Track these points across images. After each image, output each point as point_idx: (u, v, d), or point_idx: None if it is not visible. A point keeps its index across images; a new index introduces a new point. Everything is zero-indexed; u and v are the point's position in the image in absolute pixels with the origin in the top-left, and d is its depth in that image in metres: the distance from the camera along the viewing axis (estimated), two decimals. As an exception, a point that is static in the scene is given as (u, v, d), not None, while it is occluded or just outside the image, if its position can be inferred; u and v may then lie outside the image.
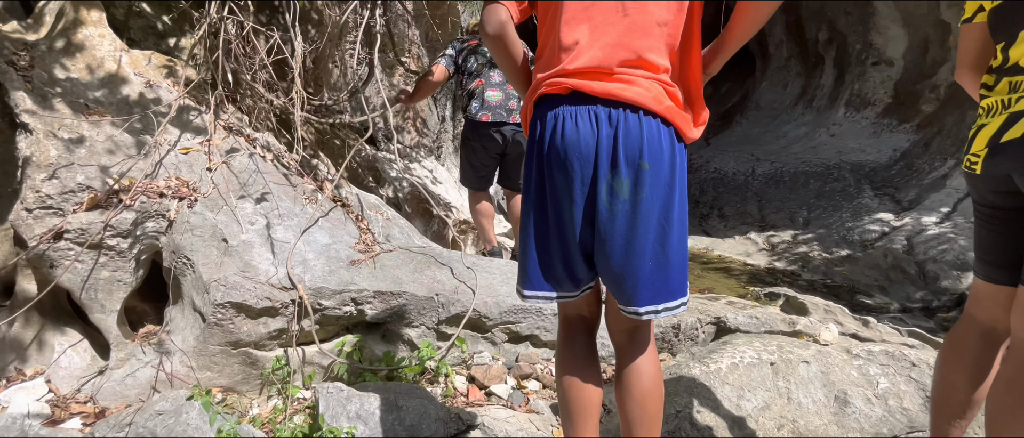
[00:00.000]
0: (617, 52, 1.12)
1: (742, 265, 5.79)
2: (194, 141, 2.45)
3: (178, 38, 3.15)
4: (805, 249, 5.99)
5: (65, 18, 2.33)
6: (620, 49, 1.12)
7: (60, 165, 2.02)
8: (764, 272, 5.65)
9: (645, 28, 1.12)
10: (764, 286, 4.99)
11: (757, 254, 6.24)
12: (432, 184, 5.05)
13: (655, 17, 1.12)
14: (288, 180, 2.66)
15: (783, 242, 6.25)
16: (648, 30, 1.12)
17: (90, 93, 2.28)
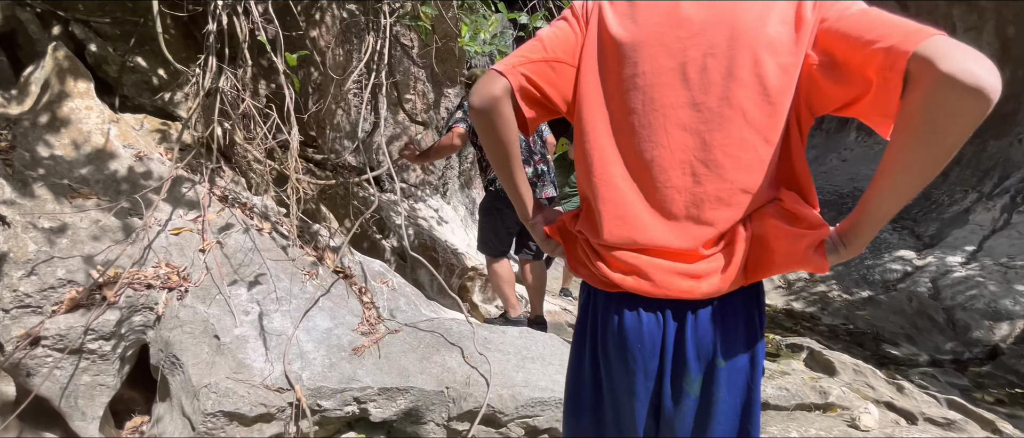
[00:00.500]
0: (688, 226, 0.85)
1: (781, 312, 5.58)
2: (187, 217, 2.29)
3: (173, 92, 3.00)
4: (824, 288, 5.78)
5: (50, 90, 2.19)
6: (694, 209, 0.84)
7: (39, 260, 1.86)
8: (782, 314, 5.44)
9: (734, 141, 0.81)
10: (784, 333, 4.79)
11: (772, 292, 6.04)
12: (438, 224, 4.88)
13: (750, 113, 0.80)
14: (286, 253, 2.50)
15: (800, 279, 6.05)
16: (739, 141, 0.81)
17: (75, 171, 2.13)
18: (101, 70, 2.72)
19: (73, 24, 2.73)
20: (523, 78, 0.88)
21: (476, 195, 5.73)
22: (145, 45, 2.93)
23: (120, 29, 2.90)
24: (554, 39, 0.91)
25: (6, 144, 2.02)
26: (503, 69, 0.87)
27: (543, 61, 0.89)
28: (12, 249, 1.85)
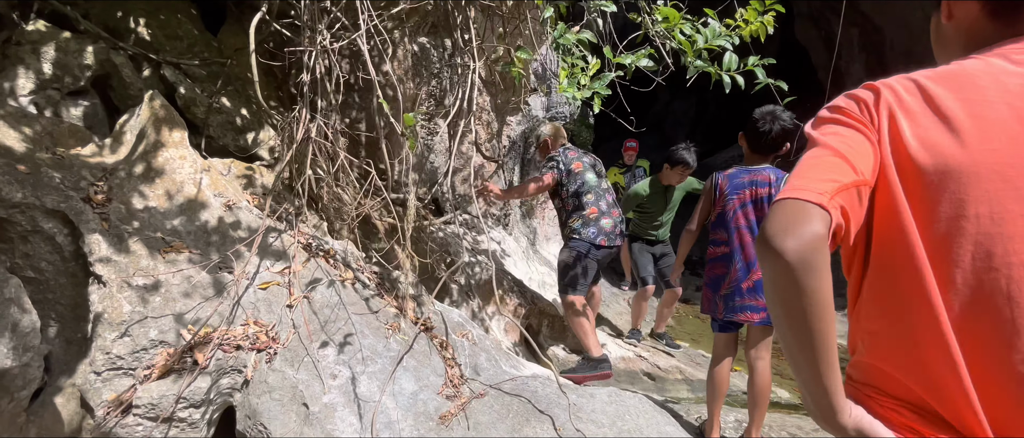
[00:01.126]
0: None
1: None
2: (273, 269, 2.20)
3: (256, 132, 2.98)
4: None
5: (146, 140, 2.16)
6: None
7: (133, 321, 1.80)
8: None
9: None
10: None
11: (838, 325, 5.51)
12: (501, 256, 4.73)
13: None
14: (369, 305, 2.38)
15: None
16: None
17: (168, 222, 2.08)
18: (189, 112, 2.71)
19: (164, 66, 2.75)
20: (840, 211, 0.64)
21: (537, 225, 5.54)
22: (230, 85, 2.92)
23: (207, 70, 2.90)
24: (857, 153, 0.66)
25: (103, 197, 1.99)
26: (817, 199, 0.62)
27: (853, 185, 0.65)
28: (107, 310, 1.80)
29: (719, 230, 2.36)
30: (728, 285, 2.31)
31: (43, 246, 1.92)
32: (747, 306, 2.28)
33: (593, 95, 1.97)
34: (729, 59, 2.27)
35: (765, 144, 2.25)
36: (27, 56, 2.51)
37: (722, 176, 2.36)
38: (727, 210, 2.33)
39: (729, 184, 2.32)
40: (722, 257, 2.34)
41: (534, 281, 4.68)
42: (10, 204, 1.86)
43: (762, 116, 2.29)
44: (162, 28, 2.92)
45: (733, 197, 2.31)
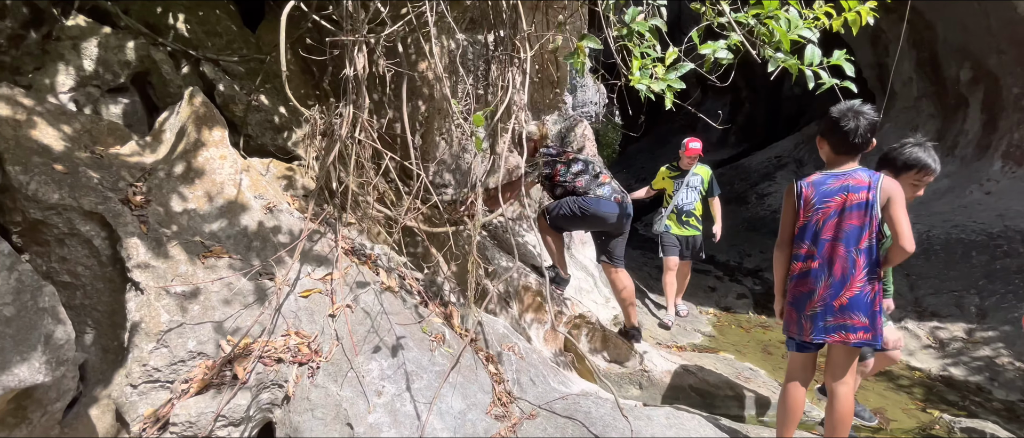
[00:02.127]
0: None
1: (907, 369, 4.78)
2: (315, 275, 2.08)
3: (292, 131, 2.88)
4: (989, 352, 4.87)
5: (186, 139, 2.06)
6: None
7: (171, 331, 1.69)
8: (940, 382, 4.61)
9: None
10: (951, 410, 4.00)
11: (921, 353, 5.18)
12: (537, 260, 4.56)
13: None
14: (412, 315, 2.24)
15: (955, 338, 5.15)
16: None
17: (207, 226, 1.97)
18: (228, 110, 2.63)
19: (203, 63, 2.67)
20: None
21: (573, 229, 5.36)
22: (268, 83, 2.83)
23: (246, 67, 2.81)
24: None
25: (141, 198, 1.90)
26: None
27: None
28: (144, 319, 1.69)
29: (803, 243, 2.10)
30: (817, 303, 2.07)
31: (80, 249, 1.83)
32: (842, 326, 2.04)
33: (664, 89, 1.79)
34: (812, 53, 2.04)
35: (853, 144, 2.03)
36: (67, 52, 2.45)
37: (806, 184, 2.11)
38: (813, 221, 2.07)
39: (816, 192, 2.08)
40: (808, 273, 2.09)
41: (571, 286, 4.50)
42: (46, 206, 1.77)
43: (843, 114, 2.06)
44: (201, 24, 2.84)
45: (821, 207, 2.06)
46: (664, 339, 4.49)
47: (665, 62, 1.83)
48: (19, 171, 1.75)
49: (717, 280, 6.46)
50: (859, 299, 2.00)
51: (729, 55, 1.91)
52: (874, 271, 2.02)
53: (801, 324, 2.11)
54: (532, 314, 3.66)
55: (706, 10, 2.37)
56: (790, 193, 2.15)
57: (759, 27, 1.91)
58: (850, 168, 2.06)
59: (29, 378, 1.41)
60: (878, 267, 2.03)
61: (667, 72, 1.78)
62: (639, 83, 1.78)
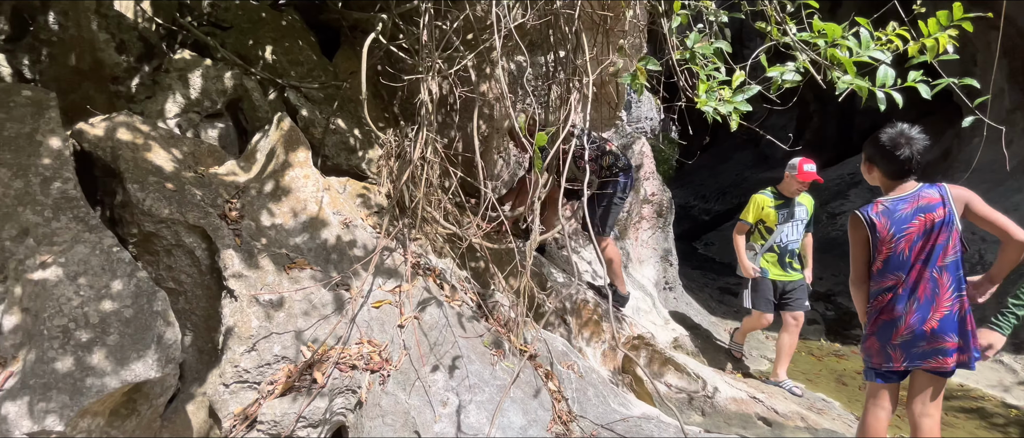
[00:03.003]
0: None
1: (1001, 406, 4.33)
2: (386, 287, 2.20)
3: (366, 151, 3.06)
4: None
5: (275, 160, 2.26)
6: None
7: (259, 336, 1.84)
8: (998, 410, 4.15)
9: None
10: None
11: (1018, 388, 4.68)
12: (593, 279, 4.53)
13: None
14: (473, 328, 2.31)
15: None
16: None
17: (292, 239, 2.14)
18: (308, 132, 2.84)
19: (288, 90, 2.90)
20: None
21: (630, 247, 5.29)
22: (344, 107, 3.04)
23: (324, 93, 3.03)
24: None
25: (236, 214, 2.09)
26: None
27: None
28: (237, 324, 1.85)
29: (892, 274, 1.97)
30: (904, 332, 1.94)
31: (184, 259, 2.04)
32: (936, 350, 1.91)
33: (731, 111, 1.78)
34: (884, 73, 1.95)
35: (908, 170, 1.94)
36: (174, 82, 2.75)
37: (875, 214, 1.97)
38: (898, 251, 1.95)
39: (890, 222, 1.96)
40: (894, 301, 1.96)
41: (628, 306, 4.43)
42: (158, 219, 1.99)
43: (894, 141, 1.95)
44: (286, 54, 3.10)
45: (901, 235, 1.94)
46: (726, 363, 4.31)
47: (732, 84, 1.82)
48: (137, 189, 1.98)
49: (784, 304, 6.11)
50: (949, 319, 1.89)
51: (797, 77, 1.87)
52: (960, 286, 1.91)
53: (887, 353, 1.99)
54: (589, 331, 3.64)
55: (771, 30, 2.33)
56: (858, 225, 2.01)
57: (826, 48, 1.86)
58: (914, 188, 1.96)
59: (143, 374, 1.58)
60: (964, 282, 1.92)
61: (734, 95, 1.77)
62: (705, 105, 1.78)
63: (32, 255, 1.65)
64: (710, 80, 1.83)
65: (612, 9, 2.78)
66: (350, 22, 3.34)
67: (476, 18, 3.09)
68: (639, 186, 5.33)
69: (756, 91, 1.84)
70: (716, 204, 10.99)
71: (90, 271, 1.65)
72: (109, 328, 1.60)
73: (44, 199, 1.75)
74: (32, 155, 1.83)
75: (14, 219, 1.71)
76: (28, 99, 1.94)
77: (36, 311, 1.59)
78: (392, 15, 2.82)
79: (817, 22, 2.00)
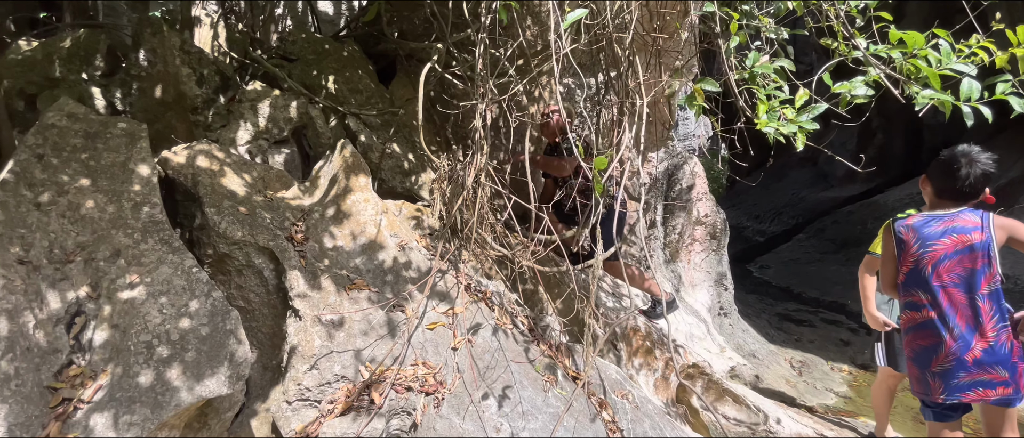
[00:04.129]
0: None
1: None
2: (439, 309, 2.23)
3: (419, 174, 3.15)
4: None
5: (337, 185, 2.36)
6: None
7: (321, 355, 1.90)
8: None
9: None
10: None
11: None
12: (643, 304, 4.42)
13: None
14: (525, 353, 2.29)
15: None
16: None
17: (351, 261, 2.22)
18: (366, 157, 2.95)
19: (348, 117, 3.04)
20: None
21: (682, 270, 5.14)
22: (399, 132, 3.14)
23: (381, 119, 3.16)
24: None
25: (301, 236, 2.19)
26: None
27: None
28: (301, 343, 1.92)
29: (914, 291, 1.90)
30: (944, 359, 1.82)
31: (253, 279, 2.15)
32: (979, 382, 1.80)
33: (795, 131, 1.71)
34: (969, 87, 1.84)
35: (960, 191, 1.83)
36: (246, 112, 2.94)
37: (905, 227, 1.93)
38: (921, 266, 1.88)
39: (916, 237, 1.90)
40: (925, 324, 1.88)
41: (681, 332, 4.28)
42: (232, 241, 2.11)
43: (955, 157, 1.85)
44: (346, 83, 3.26)
45: (925, 252, 1.88)
46: (789, 396, 4.07)
47: (795, 103, 1.75)
48: (214, 212, 2.12)
49: (851, 333, 5.75)
50: (996, 350, 1.78)
51: (868, 92, 1.78)
52: (1004, 316, 1.81)
53: (928, 382, 1.89)
54: (640, 359, 3.54)
55: (838, 45, 2.25)
56: (888, 236, 1.99)
57: (902, 63, 1.77)
58: (954, 210, 1.85)
59: (216, 390, 1.66)
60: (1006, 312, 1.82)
61: (798, 114, 1.70)
62: (766, 126, 1.72)
63: (122, 274, 1.79)
64: (771, 100, 1.78)
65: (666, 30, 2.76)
66: (405, 51, 3.48)
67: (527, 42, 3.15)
68: (691, 207, 5.19)
69: (823, 109, 1.77)
70: (771, 225, 10.51)
71: (172, 290, 1.76)
72: (187, 345, 1.69)
73: (134, 222, 1.90)
74: (125, 182, 1.99)
75: (108, 241, 1.86)
76: (123, 130, 2.13)
77: (124, 327, 1.71)
78: (446, 44, 2.91)
79: (894, 31, 1.91)
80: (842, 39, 2.25)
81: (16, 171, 1.92)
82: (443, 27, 3.03)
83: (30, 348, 1.61)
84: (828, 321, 6.21)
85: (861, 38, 2.20)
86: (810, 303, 6.99)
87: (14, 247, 1.74)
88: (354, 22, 4.20)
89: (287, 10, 4.49)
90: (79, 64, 3.38)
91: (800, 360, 4.93)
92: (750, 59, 1.78)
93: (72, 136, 2.10)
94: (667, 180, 5.27)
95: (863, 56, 1.88)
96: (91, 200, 1.94)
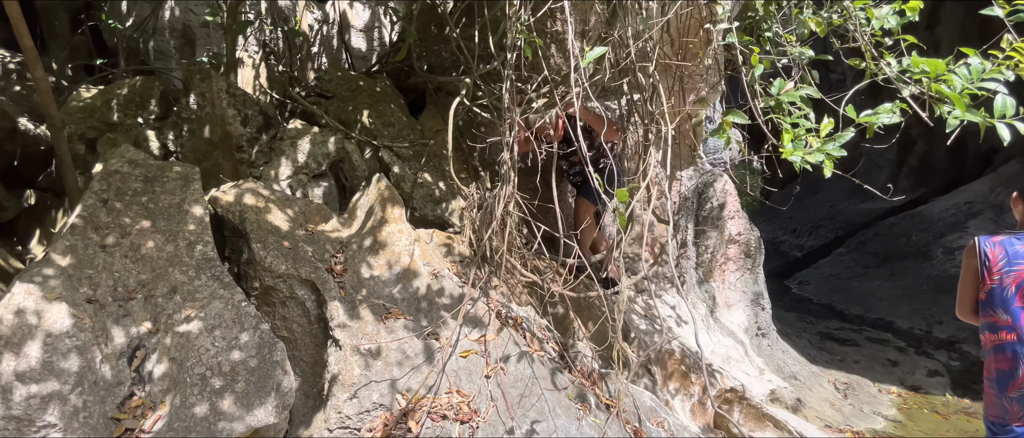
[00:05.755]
0: None
1: None
2: (472, 337, 2.28)
3: (449, 202, 3.24)
4: None
5: (373, 217, 2.47)
6: None
7: (361, 384, 1.98)
8: None
9: None
10: None
11: None
12: (677, 326, 4.36)
13: None
14: (556, 381, 2.31)
15: None
16: None
17: (387, 290, 2.30)
18: (399, 188, 3.06)
19: (382, 150, 3.17)
20: None
21: (716, 289, 5.05)
22: (430, 162, 3.26)
23: (413, 150, 3.28)
24: None
25: (341, 268, 2.30)
26: None
27: None
28: (341, 372, 2.00)
29: (994, 311, 1.84)
30: (1022, 384, 1.75)
31: (296, 310, 2.26)
32: None
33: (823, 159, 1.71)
34: (1003, 103, 1.80)
35: None
36: (287, 149, 3.11)
37: (991, 243, 1.87)
38: (1003, 285, 1.82)
39: (1004, 254, 1.84)
40: (1005, 346, 1.81)
41: (717, 354, 4.19)
42: (276, 274, 2.23)
43: None
44: (379, 117, 3.41)
45: (1011, 271, 1.82)
46: (834, 421, 3.92)
47: (821, 133, 1.75)
48: (260, 247, 2.24)
49: (899, 352, 5.51)
50: None
51: (895, 119, 1.77)
52: None
53: (1003, 407, 1.81)
54: (675, 383, 3.49)
55: (867, 66, 2.23)
56: (972, 253, 1.93)
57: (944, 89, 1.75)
58: None
59: (265, 419, 1.75)
60: None
61: (824, 143, 1.70)
62: (791, 155, 1.73)
63: (179, 310, 1.91)
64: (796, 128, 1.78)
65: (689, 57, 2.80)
66: (434, 85, 3.62)
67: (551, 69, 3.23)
68: (723, 226, 5.12)
69: (850, 137, 1.76)
70: (809, 239, 10.20)
71: (223, 324, 1.88)
72: (237, 376, 1.80)
73: (189, 260, 2.04)
74: (180, 222, 2.14)
75: (165, 278, 2.00)
76: (178, 174, 2.29)
77: (181, 360, 1.83)
78: (474, 78, 3.02)
79: (916, 59, 1.90)
80: (871, 59, 2.24)
81: (84, 216, 2.09)
82: (470, 60, 3.14)
83: (97, 382, 1.74)
84: (873, 340, 5.96)
85: (890, 57, 2.19)
86: (854, 321, 6.72)
87: (83, 287, 1.90)
88: (386, 58, 4.39)
89: (322, 49, 4.73)
90: (135, 109, 3.65)
91: (845, 382, 4.74)
92: (775, 87, 1.79)
93: (133, 181, 2.28)
94: (697, 199, 5.22)
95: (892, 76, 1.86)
96: (151, 240, 2.09)
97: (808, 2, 2.49)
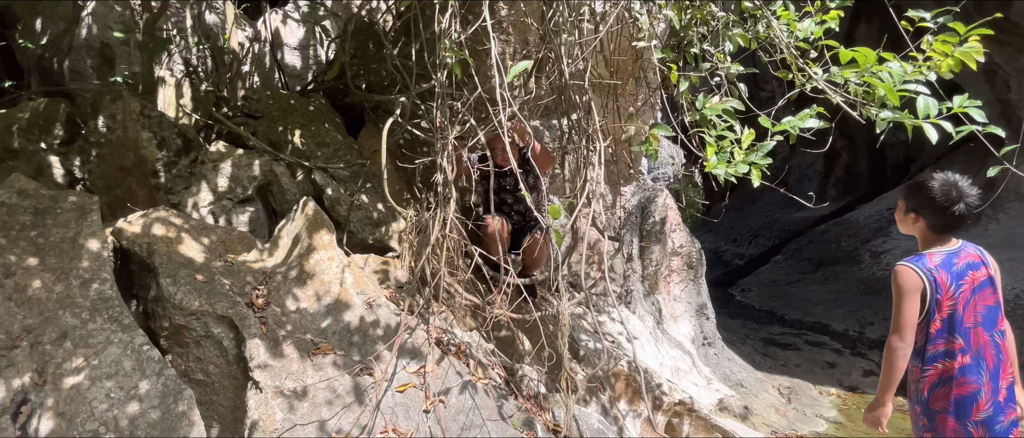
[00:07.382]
0: None
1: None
2: (410, 369, 2.16)
3: (390, 224, 3.11)
4: None
5: (300, 245, 2.31)
6: None
7: (284, 429, 1.81)
8: None
9: None
10: None
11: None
12: (627, 342, 4.36)
13: None
14: (501, 412, 2.22)
15: None
16: None
17: (315, 323, 2.15)
18: (334, 211, 2.92)
19: (315, 171, 3.02)
20: None
21: (661, 301, 5.12)
22: (368, 183, 3.13)
23: (349, 171, 3.14)
24: None
25: (262, 301, 2.13)
26: None
27: None
28: (262, 417, 1.83)
29: (952, 337, 1.78)
30: (984, 405, 1.74)
31: (212, 350, 2.06)
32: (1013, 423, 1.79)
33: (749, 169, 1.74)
34: (925, 104, 1.86)
35: (955, 225, 1.77)
36: (209, 173, 2.90)
37: (935, 268, 1.77)
38: (957, 310, 1.77)
39: (951, 278, 1.77)
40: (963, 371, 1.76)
41: (666, 366, 4.22)
42: (188, 312, 2.04)
43: (945, 192, 1.76)
44: (313, 137, 3.25)
45: (958, 294, 1.77)
46: (779, 426, 4.01)
47: (743, 144, 1.79)
48: (169, 282, 2.04)
49: (836, 354, 5.76)
50: (1012, 389, 1.78)
51: (820, 124, 1.83)
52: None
53: (970, 432, 1.77)
54: (626, 401, 3.47)
55: (795, 77, 2.32)
56: (916, 283, 1.78)
57: (856, 87, 1.82)
58: (958, 244, 1.83)
59: (168, 477, 1.56)
60: None
61: (748, 154, 1.73)
62: (716, 169, 1.74)
63: (69, 358, 1.69)
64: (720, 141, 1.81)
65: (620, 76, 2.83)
66: (372, 104, 3.50)
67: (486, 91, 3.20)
68: (666, 240, 5.23)
69: (772, 146, 1.80)
70: (749, 247, 10.65)
71: (120, 372, 1.68)
72: (136, 431, 1.60)
73: (82, 301, 1.82)
74: (74, 258, 1.92)
75: (54, 322, 1.78)
76: (73, 204, 2.07)
77: (70, 415, 1.61)
78: (411, 96, 2.94)
79: (844, 51, 1.93)
80: (797, 70, 2.32)
81: (-43, 254, 1.84)
82: (407, 79, 3.06)
83: (-37, 447, 1.50)
84: (812, 343, 6.22)
85: (816, 67, 2.28)
86: (793, 325, 7.01)
87: (-50, 336, 1.65)
88: (320, 76, 4.23)
89: (254, 67, 4.51)
90: (38, 134, 3.32)
91: (788, 386, 4.89)
92: (699, 102, 1.82)
93: (21, 214, 2.03)
94: (640, 213, 5.32)
95: (820, 84, 1.93)
96: (38, 280, 1.86)
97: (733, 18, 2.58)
